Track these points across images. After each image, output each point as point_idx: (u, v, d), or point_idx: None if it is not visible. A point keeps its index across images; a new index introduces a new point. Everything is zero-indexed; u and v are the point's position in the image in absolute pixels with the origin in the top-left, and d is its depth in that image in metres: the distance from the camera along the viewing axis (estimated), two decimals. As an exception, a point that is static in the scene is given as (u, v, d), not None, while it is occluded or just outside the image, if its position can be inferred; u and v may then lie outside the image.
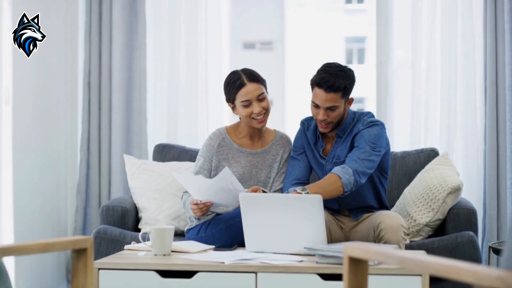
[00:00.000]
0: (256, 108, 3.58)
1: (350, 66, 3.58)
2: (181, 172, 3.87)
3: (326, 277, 2.86)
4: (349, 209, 3.65)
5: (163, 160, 4.44)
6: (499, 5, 4.43)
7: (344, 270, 1.85)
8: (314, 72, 3.55)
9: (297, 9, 18.97)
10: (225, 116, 4.83)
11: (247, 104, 3.58)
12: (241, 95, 3.59)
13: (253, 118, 3.60)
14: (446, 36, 4.58)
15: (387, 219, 3.32)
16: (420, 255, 1.64)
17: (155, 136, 4.84)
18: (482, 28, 4.51)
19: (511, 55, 4.41)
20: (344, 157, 3.55)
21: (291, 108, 17.49)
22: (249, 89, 3.59)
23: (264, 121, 3.63)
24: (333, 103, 3.46)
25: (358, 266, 1.86)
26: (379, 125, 3.56)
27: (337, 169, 3.37)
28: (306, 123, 3.72)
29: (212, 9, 4.88)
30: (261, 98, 3.61)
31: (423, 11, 4.64)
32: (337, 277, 2.84)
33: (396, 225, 3.28)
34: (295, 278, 2.87)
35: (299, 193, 3.26)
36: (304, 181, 3.63)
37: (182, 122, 4.83)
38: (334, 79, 3.43)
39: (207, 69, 4.84)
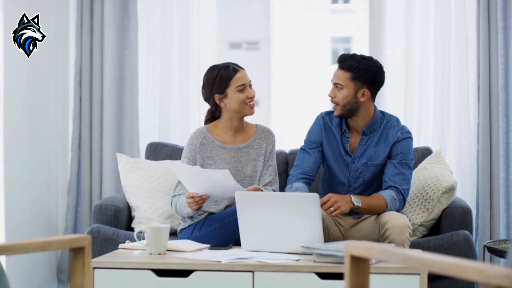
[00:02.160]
0: (250, 92, 3.66)
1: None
2: (178, 165, 3.84)
3: (323, 276, 2.85)
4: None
5: (156, 159, 4.42)
6: (492, 4, 4.43)
7: (345, 268, 1.84)
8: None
9: (283, 9, 18.98)
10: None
11: (243, 88, 3.65)
12: (236, 81, 3.65)
13: (246, 103, 3.64)
14: (439, 35, 4.58)
15: (394, 218, 3.31)
16: (425, 254, 1.63)
17: (147, 134, 4.82)
18: (475, 26, 4.51)
19: (504, 53, 4.42)
20: (380, 160, 3.59)
21: (277, 108, 17.49)
22: (243, 74, 3.68)
23: (254, 107, 3.71)
24: (339, 80, 3.51)
25: (360, 264, 1.84)
26: (412, 138, 3.65)
27: (388, 197, 3.48)
28: (328, 118, 3.70)
29: (204, 8, 4.87)
30: (250, 84, 3.71)
31: (416, 9, 4.63)
32: (335, 276, 2.83)
33: (402, 226, 3.28)
34: (293, 277, 2.85)
35: (352, 202, 3.37)
36: (311, 177, 3.64)
37: (174, 120, 4.81)
38: (348, 58, 3.52)
39: (199, 67, 4.82)
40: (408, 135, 3.61)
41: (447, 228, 3.83)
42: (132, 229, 4.09)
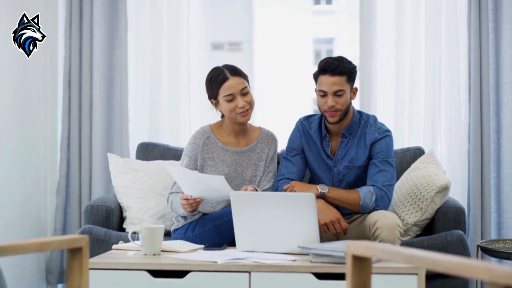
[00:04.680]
0: (240, 102, 3.56)
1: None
2: (175, 166, 3.81)
3: (320, 276, 2.84)
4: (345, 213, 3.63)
5: (147, 159, 4.39)
6: (483, 4, 4.44)
7: (347, 268, 1.82)
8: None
9: (265, 10, 18.93)
10: (208, 115, 4.78)
11: (231, 98, 3.56)
12: (225, 89, 3.57)
13: (237, 113, 3.57)
14: (430, 35, 4.58)
15: (384, 217, 3.30)
16: (429, 253, 1.62)
17: (137, 134, 4.79)
18: (466, 26, 4.52)
19: (495, 53, 4.42)
20: (361, 162, 3.56)
21: (259, 109, 17.43)
22: (232, 83, 3.57)
23: (248, 115, 3.61)
24: (340, 87, 3.46)
25: (362, 264, 1.83)
26: (391, 136, 3.60)
27: (363, 190, 3.46)
28: (306, 123, 3.68)
29: (194, 8, 4.85)
30: (244, 92, 3.59)
31: (407, 9, 4.63)
32: (332, 276, 2.82)
33: (392, 224, 3.26)
34: (290, 278, 2.83)
35: (320, 191, 3.43)
36: None
37: (164, 120, 4.78)
38: (338, 63, 3.47)
39: (189, 67, 4.80)
40: (386, 134, 3.57)
41: (440, 228, 3.83)
42: (123, 230, 4.07)
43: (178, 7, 4.79)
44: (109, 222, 3.99)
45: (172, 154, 4.40)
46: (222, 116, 3.72)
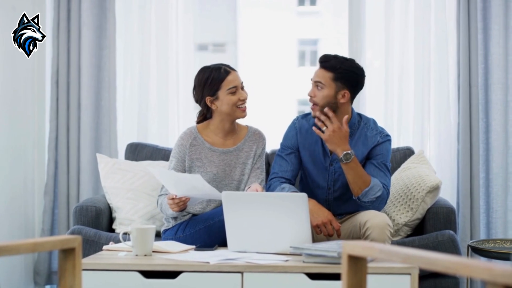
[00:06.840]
0: (242, 94, 3.60)
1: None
2: (155, 167, 3.80)
3: (313, 276, 2.83)
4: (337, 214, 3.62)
5: (136, 159, 4.38)
6: (472, 4, 4.45)
7: (343, 268, 1.82)
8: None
9: (249, 11, 18.92)
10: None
11: (235, 90, 3.59)
12: (228, 83, 3.58)
13: (238, 106, 3.59)
14: (419, 35, 4.59)
15: (374, 217, 3.29)
16: (428, 252, 1.61)
17: (125, 135, 4.78)
18: (455, 27, 4.53)
19: (483, 54, 4.44)
20: None
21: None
22: (235, 76, 3.62)
23: (246, 110, 3.63)
24: (321, 79, 3.46)
25: (358, 264, 1.83)
26: (391, 141, 3.61)
27: (375, 182, 3.42)
28: (303, 121, 3.67)
29: (181, 8, 4.83)
30: (242, 86, 3.65)
31: (396, 9, 4.64)
32: (325, 276, 2.81)
33: (382, 224, 3.25)
34: (282, 278, 2.82)
35: (341, 157, 3.36)
36: (291, 181, 3.59)
37: (153, 121, 4.77)
38: (331, 58, 3.47)
39: (177, 67, 4.79)
40: (387, 138, 3.58)
41: (431, 228, 3.83)
42: (113, 231, 4.05)
43: (166, 8, 4.78)
44: (98, 223, 3.96)
45: (161, 154, 4.38)
46: (208, 117, 3.71)
